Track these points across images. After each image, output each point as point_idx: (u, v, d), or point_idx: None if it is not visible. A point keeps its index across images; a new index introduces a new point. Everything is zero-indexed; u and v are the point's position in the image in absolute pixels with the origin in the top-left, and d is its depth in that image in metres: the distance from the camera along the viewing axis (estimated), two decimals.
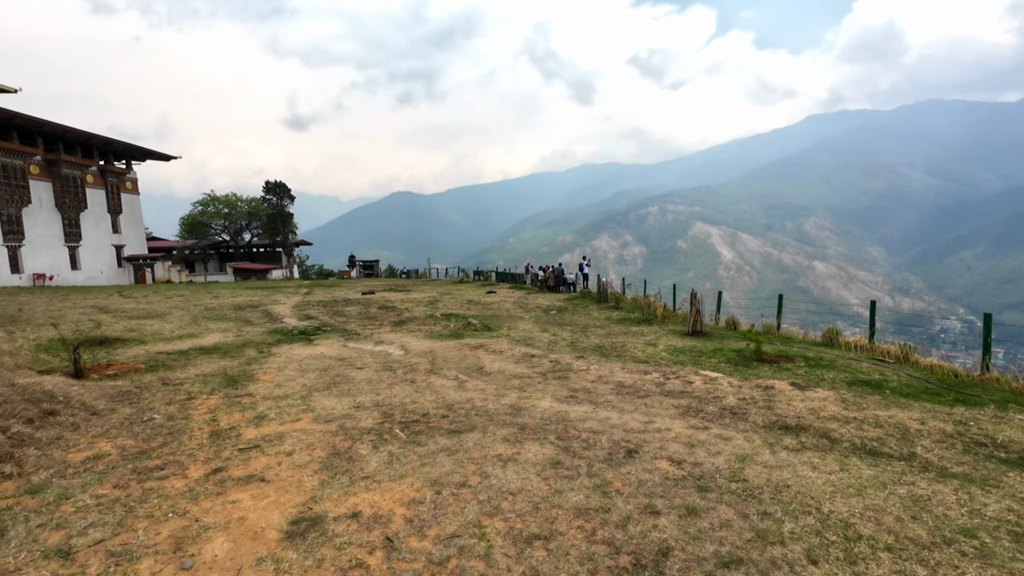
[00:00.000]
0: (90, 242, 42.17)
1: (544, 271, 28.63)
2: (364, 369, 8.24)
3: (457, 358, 8.92)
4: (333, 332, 13.23)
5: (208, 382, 7.51)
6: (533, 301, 22.40)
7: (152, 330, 13.26)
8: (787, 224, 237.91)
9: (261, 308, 18.26)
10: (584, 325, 15.62)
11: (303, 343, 11.44)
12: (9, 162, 35.81)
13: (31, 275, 36.87)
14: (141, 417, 5.61)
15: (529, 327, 14.96)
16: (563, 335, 13.32)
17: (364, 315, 16.37)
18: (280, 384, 7.24)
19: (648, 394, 6.33)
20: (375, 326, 14.19)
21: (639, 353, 10.42)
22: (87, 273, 41.54)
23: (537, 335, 12.98)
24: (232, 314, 16.66)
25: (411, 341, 11.28)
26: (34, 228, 37.62)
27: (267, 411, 5.78)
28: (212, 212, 52.84)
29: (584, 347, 11.26)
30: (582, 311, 19.33)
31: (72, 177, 40.55)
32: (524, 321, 16.33)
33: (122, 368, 8.56)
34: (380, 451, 4.41)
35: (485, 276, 36.54)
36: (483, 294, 25.43)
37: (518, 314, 18.29)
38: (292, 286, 32.28)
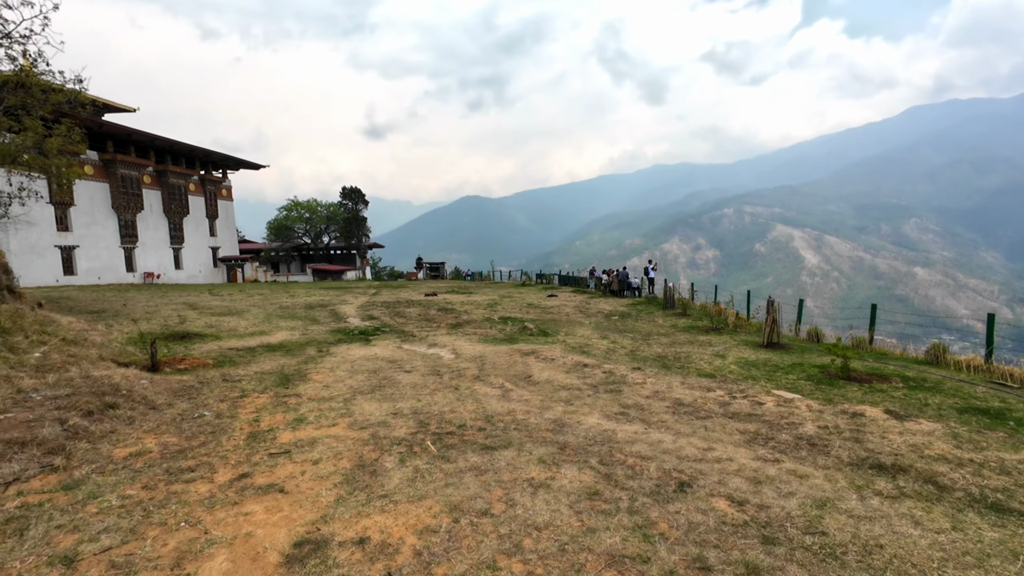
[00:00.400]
0: (191, 244, 46.29)
1: (608, 275, 27.72)
2: (412, 373, 8.10)
3: (506, 364, 8.57)
4: (391, 333, 13.37)
5: (264, 380, 7.67)
6: (595, 306, 21.67)
7: (228, 327, 14.06)
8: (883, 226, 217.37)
9: (329, 308, 18.97)
10: (647, 332, 14.77)
11: (361, 343, 11.60)
12: (127, 173, 40.08)
13: (142, 273, 41.01)
14: (193, 414, 5.74)
15: (587, 333, 14.36)
16: (623, 343, 12.61)
17: (423, 317, 16.49)
18: (328, 385, 7.24)
19: (709, 415, 5.63)
20: (432, 328, 14.20)
21: (705, 365, 9.56)
22: (188, 272, 45.61)
23: (595, 342, 12.38)
24: (302, 313, 17.40)
25: (464, 344, 11.09)
26: (145, 232, 41.85)
27: (308, 413, 5.73)
28: (295, 216, 56.42)
29: (644, 357, 10.53)
30: (646, 317, 18.38)
31: (177, 186, 44.72)
32: (583, 327, 15.72)
33: (192, 363, 9.01)
34: (406, 465, 4.14)
35: (547, 279, 36.08)
36: (544, 298, 25.01)
37: (577, 319, 17.69)
38: (362, 287, 33.55)
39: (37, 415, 4.68)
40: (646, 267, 25.40)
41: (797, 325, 14.68)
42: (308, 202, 58.27)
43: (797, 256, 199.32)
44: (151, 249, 42.33)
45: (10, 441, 4.15)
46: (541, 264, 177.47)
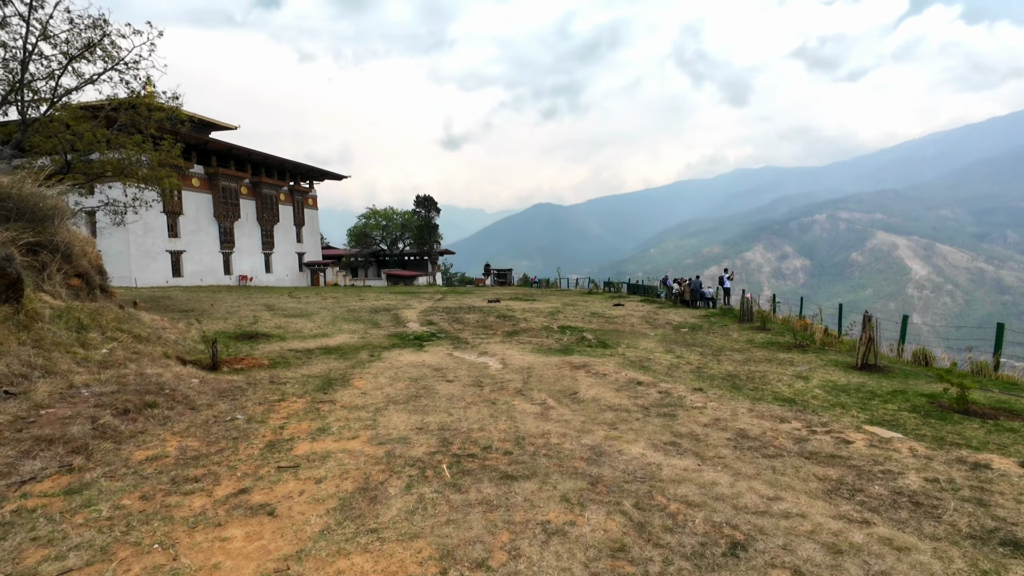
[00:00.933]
0: (280, 250, 49.77)
1: (679, 284, 26.12)
2: (453, 383, 7.72)
3: (553, 378, 7.96)
4: (445, 339, 13.17)
5: (307, 384, 7.64)
6: (663, 317, 20.38)
7: (295, 328, 14.57)
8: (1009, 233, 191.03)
9: (393, 312, 19.27)
10: (718, 347, 13.49)
11: (413, 349, 11.46)
12: (227, 185, 43.86)
13: (237, 276, 44.59)
14: (226, 417, 5.69)
15: (651, 346, 13.35)
16: (689, 358, 11.52)
17: (481, 324, 16.22)
18: (366, 392, 7.03)
19: (780, 452, 4.69)
20: (487, 335, 13.85)
21: (782, 388, 8.38)
22: (276, 276, 49.04)
23: (657, 356, 11.40)
24: (367, 316, 17.78)
25: (515, 354, 10.60)
26: (241, 238, 45.52)
27: (334, 423, 5.48)
28: (372, 224, 59.12)
29: (711, 375, 9.46)
30: (719, 330, 16.91)
31: (269, 196, 48.32)
32: (647, 339, 14.68)
33: (249, 363, 9.25)
34: (411, 492, 3.69)
35: (615, 288, 34.76)
36: (609, 307, 23.97)
37: (642, 330, 16.62)
38: (429, 292, 34.17)
39: (75, 412, 4.78)
40: (721, 276, 23.60)
41: (900, 345, 12.75)
42: (385, 210, 60.84)
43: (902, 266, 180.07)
44: (245, 254, 45.95)
45: (40, 438, 4.21)
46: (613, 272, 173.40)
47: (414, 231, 57.03)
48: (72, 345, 6.90)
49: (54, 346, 6.62)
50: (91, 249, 10.51)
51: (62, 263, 9.18)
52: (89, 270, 9.94)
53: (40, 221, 9.01)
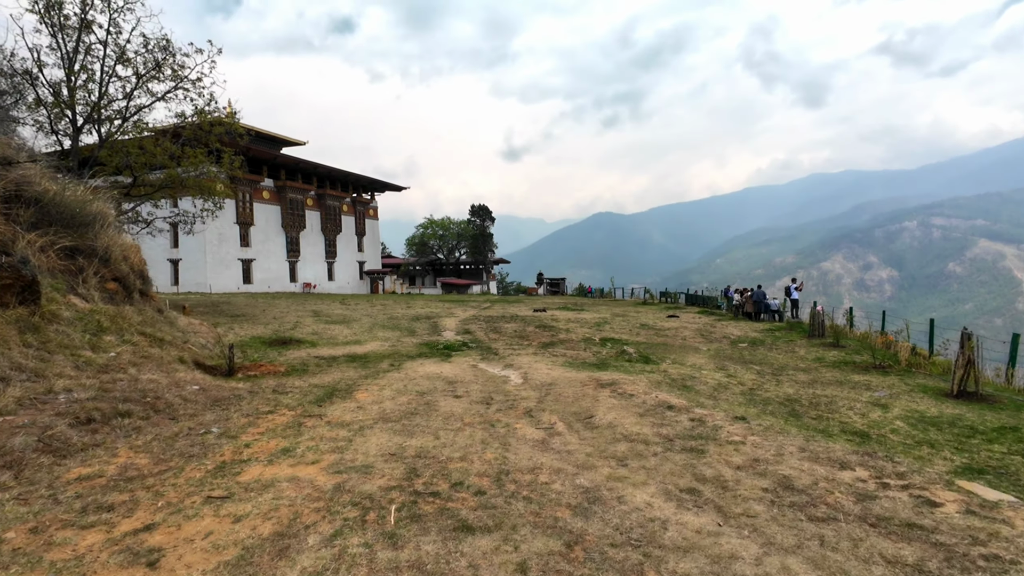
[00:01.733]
0: (342, 259, 51.61)
1: (740, 295, 24.03)
2: (461, 399, 6.98)
3: (573, 397, 7.00)
4: (475, 349, 12.49)
5: (310, 394, 7.18)
6: (721, 330, 18.64)
7: (331, 334, 14.46)
8: None
9: (433, 320, 18.91)
10: (780, 366, 11.90)
11: (438, 359, 10.86)
12: (294, 197, 46.09)
13: (302, 284, 46.59)
14: (201, 430, 5.27)
15: (700, 362, 11.97)
16: (742, 377, 10.13)
17: (518, 334, 15.42)
18: (362, 407, 6.43)
19: (834, 515, 3.52)
20: (520, 347, 13.03)
21: (854, 418, 6.95)
22: (338, 284, 50.82)
23: (705, 374, 10.08)
24: (406, 324, 17.51)
25: (542, 368, 9.70)
26: (306, 248, 47.61)
27: (304, 443, 4.89)
28: (429, 234, 60.14)
29: (766, 399, 8.11)
30: (783, 346, 15.11)
31: (333, 207, 50.31)
32: (697, 354, 13.26)
33: (266, 370, 9.00)
34: (333, 544, 2.95)
35: (672, 298, 32.76)
36: (662, 318, 22.40)
37: (694, 345, 15.13)
38: (479, 301, 33.82)
39: (32, 420, 4.50)
40: (788, 287, 21.37)
41: (1010, 369, 10.62)
42: (441, 220, 61.75)
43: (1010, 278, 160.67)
44: (310, 262, 47.97)
45: None
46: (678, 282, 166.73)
47: (469, 240, 57.38)
48: (80, 348, 6.84)
49: (60, 348, 6.56)
50: (134, 255, 10.81)
51: (100, 267, 9.40)
52: (128, 274, 10.18)
53: (80, 227, 9.30)
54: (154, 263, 40.82)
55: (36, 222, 8.77)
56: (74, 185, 10.06)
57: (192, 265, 39.15)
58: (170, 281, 39.35)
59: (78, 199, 9.43)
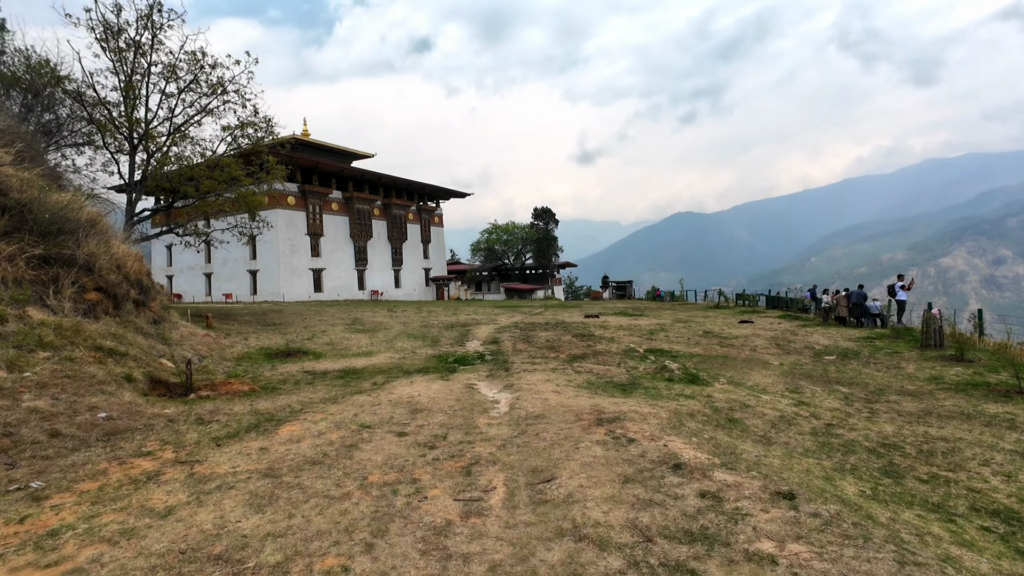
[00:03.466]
0: (408, 266, 52.16)
1: (831, 296, 20.20)
2: (404, 438, 5.29)
3: (549, 441, 5.04)
4: (489, 363, 10.75)
5: (237, 423, 5.86)
6: (804, 338, 15.40)
7: (346, 345, 13.41)
8: None
9: (469, 328, 17.43)
10: (877, 387, 9.03)
11: (435, 376, 9.26)
12: (361, 207, 47.20)
13: (370, 291, 47.50)
14: (13, 486, 4.03)
15: (765, 382, 9.38)
16: (821, 405, 7.53)
17: (549, 344, 13.44)
18: (267, 449, 4.94)
19: None
20: (542, 360, 11.08)
21: (994, 484, 4.42)
22: (405, 291, 51.36)
23: (765, 401, 7.59)
24: (434, 333, 16.18)
25: (545, 390, 7.75)
26: (373, 256, 48.55)
27: (98, 519, 3.44)
28: (493, 239, 59.36)
29: (847, 443, 5.63)
30: (884, 360, 11.88)
31: (399, 216, 51.03)
32: (764, 370, 10.57)
33: (228, 389, 7.89)
34: None
35: (750, 301, 28.84)
36: (733, 324, 19.29)
37: (764, 357, 12.31)
38: (534, 306, 32.04)
39: None
40: (892, 285, 17.38)
41: None
42: (506, 225, 60.76)
43: None
44: (377, 271, 48.84)
45: None
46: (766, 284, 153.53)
47: (533, 244, 55.83)
48: None
49: None
50: (131, 263, 10.34)
51: (80, 276, 8.88)
52: (118, 283, 9.65)
53: (59, 234, 8.86)
54: (236, 274, 43.22)
55: (11, 230, 8.39)
56: (58, 192, 9.68)
57: (268, 275, 41.10)
58: (249, 291, 41.60)
59: (58, 205, 8.98)
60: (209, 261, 44.23)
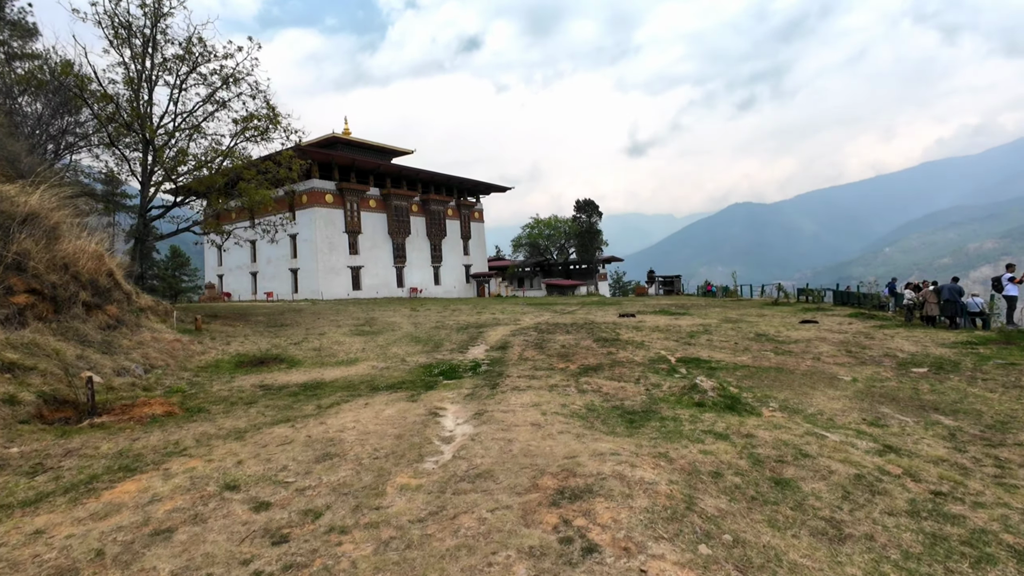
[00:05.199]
0: (448, 263, 51.13)
1: (915, 290, 16.78)
2: (260, 513, 3.56)
3: (456, 545, 3.11)
4: (479, 376, 8.89)
5: (84, 471, 4.36)
6: (882, 343, 12.47)
7: (333, 351, 11.97)
8: None
9: (482, 330, 15.63)
10: (998, 420, 6.45)
11: (402, 396, 7.50)
12: (399, 204, 46.54)
13: (408, 289, 46.85)
14: None
15: (833, 409, 6.97)
16: (917, 452, 5.15)
17: (561, 352, 11.37)
18: (39, 533, 3.37)
19: None
20: (545, 373, 9.07)
21: None
22: (444, 288, 50.38)
23: (831, 444, 5.26)
24: (442, 336, 14.51)
25: (520, 426, 5.78)
26: (412, 253, 47.83)
27: None
28: (535, 234, 57.26)
29: (972, 540, 3.30)
30: (998, 375, 9.01)
31: (437, 212, 50.05)
32: (832, 391, 8.07)
33: (137, 414, 6.47)
34: None
35: (814, 297, 25.20)
36: (793, 324, 16.39)
37: (831, 370, 9.70)
38: (569, 303, 29.82)
39: None
40: (998, 278, 13.90)
41: None
42: (549, 219, 58.50)
43: None
44: (416, 267, 48.10)
45: None
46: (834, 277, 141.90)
47: (574, 239, 53.30)
48: None
49: None
50: (86, 262, 9.30)
51: (8, 277, 7.84)
52: (63, 284, 8.58)
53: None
54: (279, 273, 43.73)
55: None
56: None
57: (307, 274, 41.19)
58: (291, 289, 41.90)
59: None
60: (255, 260, 45.05)
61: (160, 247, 60.17)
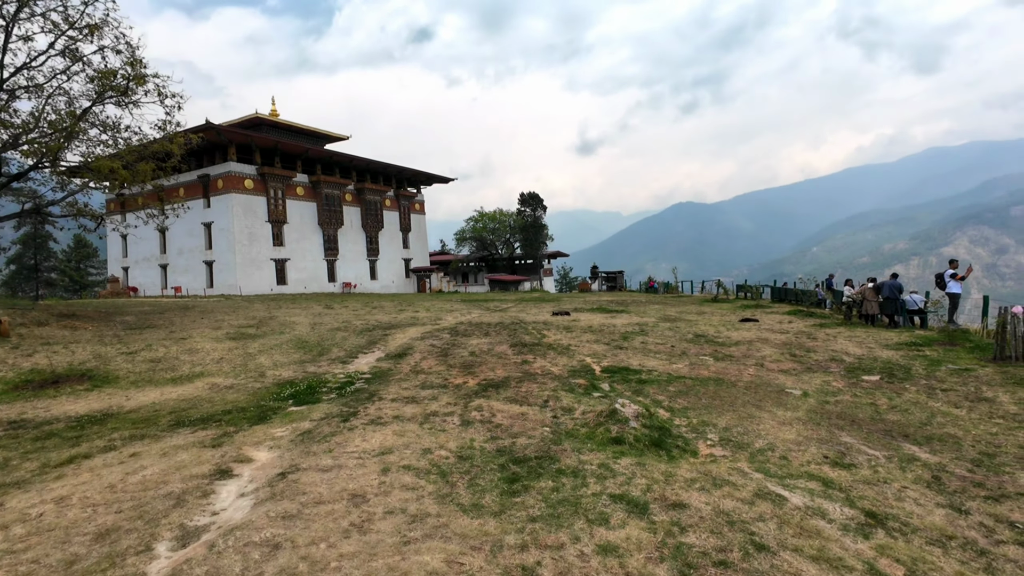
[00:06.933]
0: (386, 256, 48.00)
1: (855, 288, 16.01)
2: None
3: None
4: (343, 400, 6.67)
5: None
6: (826, 345, 11.26)
7: (175, 364, 9.34)
8: None
9: (389, 332, 13.32)
10: (983, 452, 4.90)
11: (209, 435, 5.19)
12: (331, 192, 42.98)
13: (341, 284, 43.45)
14: None
15: (785, 439, 5.28)
16: (907, 521, 3.36)
17: (466, 361, 9.31)
18: None
19: None
20: (430, 394, 6.97)
21: None
22: (382, 283, 47.26)
23: (790, 516, 3.45)
24: (337, 339, 12.10)
25: (332, 504, 3.67)
26: (345, 245, 44.39)
27: None
28: (480, 227, 55.04)
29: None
30: (955, 383, 7.78)
31: (374, 202, 46.78)
32: (781, 410, 6.46)
33: None
34: None
35: (752, 293, 24.60)
36: (733, 323, 15.17)
37: (778, 380, 8.19)
38: (504, 300, 27.93)
39: None
40: (941, 274, 13.16)
41: None
42: (494, 212, 56.42)
43: None
44: (350, 261, 44.72)
45: None
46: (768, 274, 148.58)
47: (519, 233, 51.54)
48: None
49: None
50: None
51: None
52: None
53: None
54: (192, 266, 39.22)
55: None
56: None
57: (225, 267, 37.04)
58: (206, 283, 37.62)
59: None
60: (164, 251, 40.26)
61: (62, 238, 53.14)
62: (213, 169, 37.12)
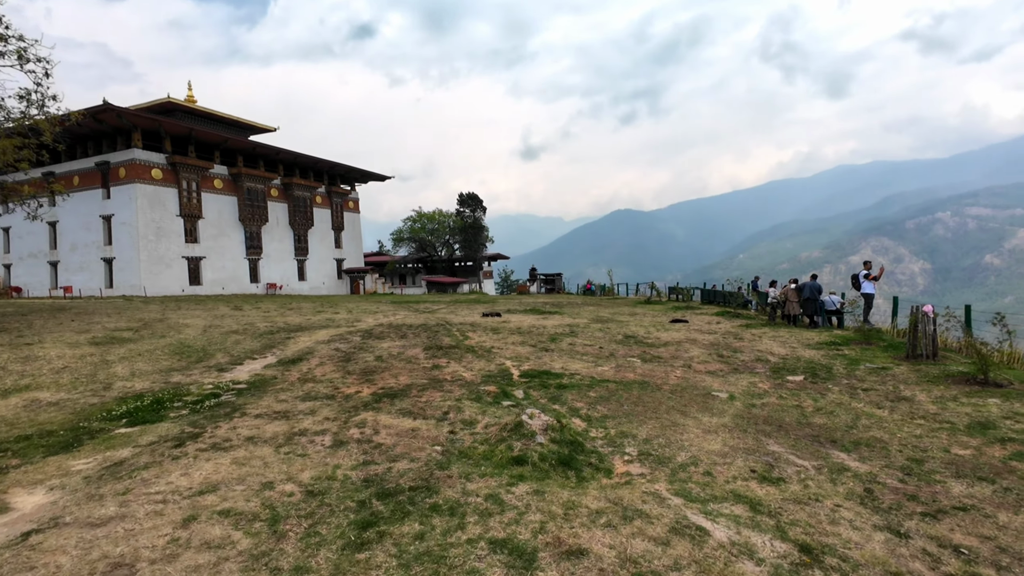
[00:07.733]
0: (315, 256, 45.17)
1: (779, 289, 16.29)
2: None
3: None
4: (199, 415, 5.36)
5: None
6: (752, 345, 11.08)
7: (3, 372, 7.56)
8: None
9: (293, 335, 11.84)
10: (912, 458, 4.38)
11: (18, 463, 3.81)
12: (254, 186, 39.81)
13: (265, 284, 40.31)
14: None
15: (709, 450, 4.56)
16: (847, 553, 2.66)
17: (369, 367, 8.16)
18: None
19: None
20: (311, 406, 5.80)
21: None
22: (311, 284, 44.40)
23: (716, 554, 2.68)
24: (228, 343, 10.50)
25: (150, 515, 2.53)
26: (270, 244, 41.27)
27: None
28: (418, 228, 53.27)
29: None
30: (874, 383, 7.57)
31: (303, 198, 43.90)
32: (706, 416, 5.84)
33: None
34: None
35: (684, 295, 24.99)
36: (664, 324, 14.90)
37: (704, 383, 7.67)
38: (438, 301, 26.73)
39: None
40: (856, 275, 13.55)
41: None
42: (432, 212, 54.81)
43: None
44: (275, 260, 41.64)
45: None
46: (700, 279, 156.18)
47: (459, 234, 50.32)
48: None
49: None
50: None
51: None
52: None
53: None
54: (88, 263, 34.81)
55: None
56: None
57: (127, 265, 33.13)
58: (104, 283, 33.50)
59: None
60: (55, 247, 35.58)
61: None
62: (114, 156, 33.19)
